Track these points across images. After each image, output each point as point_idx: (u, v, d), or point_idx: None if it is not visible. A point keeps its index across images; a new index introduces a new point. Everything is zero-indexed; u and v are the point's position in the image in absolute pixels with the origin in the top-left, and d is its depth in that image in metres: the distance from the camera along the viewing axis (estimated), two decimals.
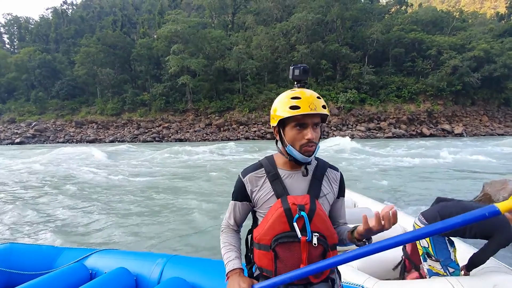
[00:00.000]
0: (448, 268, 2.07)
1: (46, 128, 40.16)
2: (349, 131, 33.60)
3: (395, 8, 54.83)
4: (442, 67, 37.22)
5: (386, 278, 2.56)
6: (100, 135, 38.43)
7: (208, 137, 35.24)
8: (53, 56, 49.94)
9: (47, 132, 39.38)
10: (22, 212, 5.77)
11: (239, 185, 1.06)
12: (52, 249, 2.39)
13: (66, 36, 58.78)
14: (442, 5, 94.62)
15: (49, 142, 36.55)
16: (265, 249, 0.97)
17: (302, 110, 0.94)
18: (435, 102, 36.74)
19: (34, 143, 36.38)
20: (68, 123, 41.86)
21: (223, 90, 40.81)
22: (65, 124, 41.65)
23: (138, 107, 41.83)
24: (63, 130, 40.32)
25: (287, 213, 0.94)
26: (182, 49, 39.17)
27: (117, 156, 16.96)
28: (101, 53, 43.87)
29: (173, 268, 2.02)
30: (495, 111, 38.37)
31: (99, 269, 2.15)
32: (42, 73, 46.72)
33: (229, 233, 1.12)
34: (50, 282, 1.89)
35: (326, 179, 1.05)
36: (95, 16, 71.59)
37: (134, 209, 6.03)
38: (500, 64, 35.37)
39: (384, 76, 39.62)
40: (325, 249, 0.96)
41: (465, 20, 52.91)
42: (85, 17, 67.97)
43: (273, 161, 1.07)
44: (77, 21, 65.26)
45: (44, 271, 2.12)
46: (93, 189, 8.14)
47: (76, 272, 2.08)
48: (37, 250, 2.36)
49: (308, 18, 39.14)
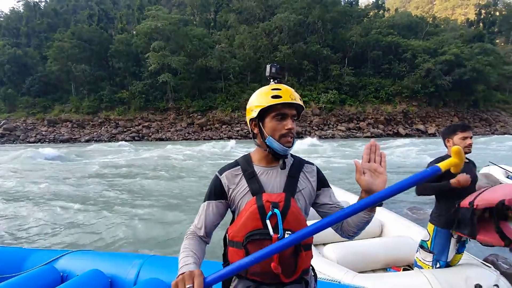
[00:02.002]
0: (437, 263, 2.06)
1: (16, 127, 37.86)
2: (330, 130, 34.36)
3: (373, 12, 56.78)
4: (417, 70, 39.06)
5: (365, 270, 2.63)
6: (75, 134, 36.74)
7: (190, 136, 34.72)
8: (24, 51, 47.10)
9: (17, 131, 37.13)
10: None
11: (215, 183, 1.04)
12: (19, 251, 2.25)
13: (39, 30, 55.83)
14: (416, 10, 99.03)
15: (19, 142, 34.48)
16: (237, 246, 0.96)
17: (284, 99, 0.94)
18: (410, 103, 38.48)
19: (3, 143, 34.18)
20: (40, 121, 39.67)
21: (205, 89, 40.37)
22: (37, 123, 39.44)
23: (116, 105, 40.42)
24: (35, 129, 38.15)
25: (261, 210, 0.93)
26: (163, 46, 38.32)
27: (91, 155, 16.35)
28: (76, 49, 41.94)
29: (151, 269, 1.95)
30: (465, 112, 40.72)
31: (70, 271, 2.04)
32: (12, 69, 44.05)
33: (194, 239, 1.00)
34: (18, 285, 1.78)
35: (303, 174, 1.05)
36: (69, 10, 68.45)
37: (108, 210, 5.81)
38: (469, 68, 37.62)
39: (363, 77, 41.01)
40: (298, 248, 0.94)
41: (438, 26, 55.78)
42: (59, 11, 64.76)
43: (249, 158, 1.07)
44: (51, 14, 62.08)
45: (11, 274, 1.99)
46: (63, 188, 7.74)
47: (46, 275, 1.97)
48: (3, 252, 2.21)
49: (290, 18, 39.62)
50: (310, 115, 36.31)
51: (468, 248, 2.20)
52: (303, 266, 0.97)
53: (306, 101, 37.40)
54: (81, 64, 41.46)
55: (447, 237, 2.04)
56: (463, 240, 2.08)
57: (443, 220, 2.05)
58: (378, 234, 3.36)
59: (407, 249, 2.72)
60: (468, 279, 1.95)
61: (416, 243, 2.30)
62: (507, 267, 2.90)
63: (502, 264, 2.92)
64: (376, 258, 2.73)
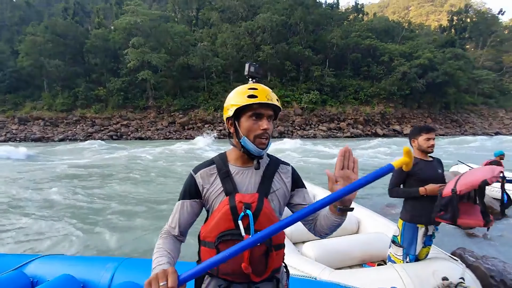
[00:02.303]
0: (407, 257, 2.18)
1: None
2: (312, 130, 34.93)
3: (353, 16, 58.31)
4: (393, 72, 40.61)
5: (342, 266, 2.71)
6: (48, 133, 34.87)
7: (171, 135, 34.00)
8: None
9: None
10: None
11: (190, 182, 1.03)
12: None
13: (9, 23, 52.44)
14: (393, 15, 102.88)
15: None
16: (209, 246, 0.96)
17: (260, 99, 0.95)
18: (387, 105, 39.95)
19: None
20: (10, 119, 37.30)
21: (187, 87, 39.67)
22: (7, 121, 37.03)
23: (93, 103, 38.75)
24: (4, 127, 35.80)
25: (233, 211, 0.93)
26: (142, 42, 37.22)
27: (62, 155, 15.67)
28: (49, 43, 39.78)
29: (125, 272, 1.89)
30: (437, 114, 42.87)
31: (41, 277, 1.95)
32: None
33: (168, 239, 0.98)
34: None
35: (278, 175, 1.06)
36: (43, 2, 64.84)
37: (77, 213, 5.59)
38: (441, 71, 39.64)
39: (343, 79, 42.08)
40: (268, 248, 0.95)
41: (413, 31, 58.28)
42: (31, 3, 61.10)
43: (225, 157, 1.06)
44: (23, 6, 58.48)
45: None
46: (28, 190, 7.35)
47: (15, 281, 1.87)
48: None
49: (272, 19, 39.84)
50: (292, 115, 36.74)
51: (439, 243, 2.32)
52: (274, 266, 0.99)
53: (289, 101, 37.81)
54: (55, 59, 39.35)
55: (414, 230, 2.17)
56: (429, 234, 2.21)
57: (409, 215, 2.19)
58: (355, 231, 3.47)
59: (382, 245, 2.83)
60: (435, 272, 2.06)
61: (390, 239, 2.41)
62: (473, 260, 3.08)
63: (468, 257, 3.09)
64: (352, 254, 2.82)
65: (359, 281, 2.08)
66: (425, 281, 2.00)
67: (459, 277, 2.05)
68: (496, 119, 47.68)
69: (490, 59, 55.14)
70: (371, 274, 2.18)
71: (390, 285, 2.01)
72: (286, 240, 2.90)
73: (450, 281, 1.98)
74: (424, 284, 1.98)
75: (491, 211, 5.28)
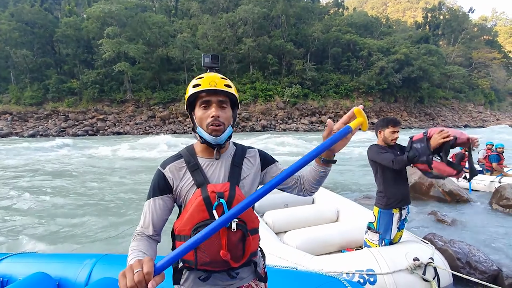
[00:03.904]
0: (383, 241, 2.30)
1: None
2: (294, 124, 35.34)
3: (333, 10, 58.90)
4: (372, 67, 41.77)
5: (322, 253, 2.81)
6: (16, 128, 32.77)
7: (151, 130, 33.07)
8: None
9: None
10: None
11: (158, 177, 1.00)
12: None
13: None
14: (372, 11, 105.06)
15: None
16: (185, 239, 0.95)
17: (202, 87, 0.95)
18: (366, 99, 41.15)
19: None
20: None
21: (167, 80, 38.63)
22: None
23: (65, 96, 36.77)
24: None
25: (206, 202, 0.93)
26: (118, 32, 35.65)
27: (37, 152, 14.85)
28: (15, 32, 37.06)
29: (104, 268, 1.84)
30: (413, 108, 44.75)
31: (12, 276, 1.86)
32: None
33: (141, 240, 0.93)
34: None
35: (247, 160, 1.07)
36: None
37: (56, 209, 5.38)
38: (416, 67, 41.23)
39: (324, 73, 42.71)
40: (244, 233, 0.96)
41: (391, 26, 59.92)
42: None
43: (192, 150, 1.05)
44: None
45: None
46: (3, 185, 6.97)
47: None
48: None
49: (254, 11, 39.44)
50: (275, 109, 36.94)
51: (412, 230, 2.45)
52: (251, 250, 1.00)
53: (271, 95, 37.93)
54: (22, 49, 36.79)
55: (389, 216, 2.28)
56: (403, 218, 2.35)
57: (385, 200, 2.29)
58: (335, 219, 3.59)
59: (359, 232, 2.95)
60: (407, 254, 2.20)
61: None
62: (442, 243, 3.30)
63: (438, 242, 3.31)
64: (332, 241, 2.93)
65: (338, 265, 2.17)
66: (398, 262, 2.12)
67: (429, 257, 2.19)
68: (465, 113, 50.58)
69: (461, 55, 58.02)
70: (349, 258, 2.27)
71: (366, 267, 2.11)
72: (269, 230, 2.95)
73: (420, 261, 2.12)
74: (397, 264, 2.11)
75: (459, 199, 5.68)
